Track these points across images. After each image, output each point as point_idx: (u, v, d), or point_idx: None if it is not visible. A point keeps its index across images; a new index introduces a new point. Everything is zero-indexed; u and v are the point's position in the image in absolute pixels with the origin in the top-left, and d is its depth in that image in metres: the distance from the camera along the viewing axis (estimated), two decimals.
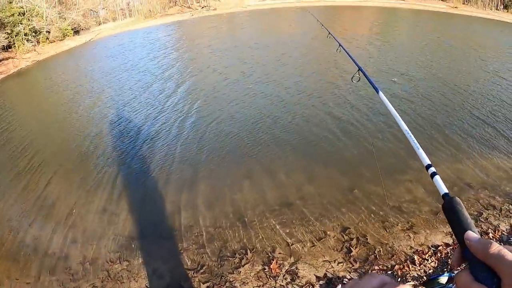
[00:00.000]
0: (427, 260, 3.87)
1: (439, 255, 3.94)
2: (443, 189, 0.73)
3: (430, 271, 3.68)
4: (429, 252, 4.01)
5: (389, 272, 3.72)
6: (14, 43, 27.73)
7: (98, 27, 37.47)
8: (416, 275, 3.66)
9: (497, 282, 0.49)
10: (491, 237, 4.21)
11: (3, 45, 25.87)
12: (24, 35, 28.47)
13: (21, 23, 28.10)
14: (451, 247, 4.06)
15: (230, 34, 21.39)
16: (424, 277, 3.58)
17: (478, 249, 0.55)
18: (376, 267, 3.80)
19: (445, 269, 3.33)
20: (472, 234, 0.58)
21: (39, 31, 29.69)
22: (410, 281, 3.58)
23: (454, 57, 12.16)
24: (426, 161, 0.90)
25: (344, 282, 3.61)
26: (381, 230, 4.34)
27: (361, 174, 5.46)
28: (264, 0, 32.08)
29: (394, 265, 3.82)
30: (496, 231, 4.33)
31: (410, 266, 3.80)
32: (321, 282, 3.72)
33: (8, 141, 9.37)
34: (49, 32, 30.30)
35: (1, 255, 5.10)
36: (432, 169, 0.84)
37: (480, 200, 4.89)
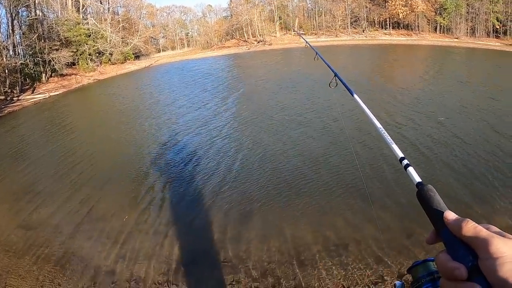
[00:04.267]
0: None
1: None
2: (416, 178, 0.75)
3: None
4: None
5: None
6: (79, 61, 29.97)
7: (158, 54, 39.92)
8: None
9: (474, 259, 0.51)
10: None
11: (68, 62, 28.01)
12: (88, 55, 30.73)
13: (86, 44, 30.40)
14: None
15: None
16: None
17: (455, 227, 0.56)
18: None
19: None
20: (451, 213, 0.60)
21: (102, 52, 31.96)
22: None
23: None
24: (399, 154, 0.92)
25: None
26: None
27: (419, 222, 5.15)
28: (319, 37, 32.92)
29: None
30: None
31: None
32: None
33: (63, 152, 9.91)
34: (111, 54, 32.51)
35: (48, 260, 5.25)
36: (405, 161, 0.87)
37: None
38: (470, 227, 0.53)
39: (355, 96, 1.71)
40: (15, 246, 5.61)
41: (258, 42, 37.35)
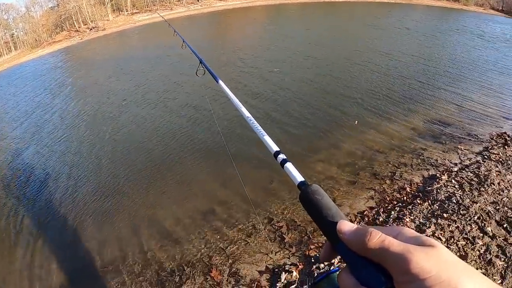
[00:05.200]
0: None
1: (366, 219, 4.25)
2: (298, 177, 0.63)
3: None
4: (357, 219, 4.30)
5: None
6: None
7: None
8: None
9: (386, 281, 0.40)
10: (408, 191, 4.67)
11: None
12: None
13: None
14: (375, 209, 4.41)
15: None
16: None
17: (355, 243, 0.44)
18: (312, 246, 3.96)
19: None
20: (346, 224, 0.47)
21: None
22: None
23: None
24: (274, 148, 0.79)
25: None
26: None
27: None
28: (153, 13, 31.72)
29: None
30: (412, 185, 4.80)
31: None
32: (265, 275, 3.75)
33: None
34: None
35: None
36: (282, 156, 0.74)
37: (390, 161, 5.38)
38: (376, 242, 0.41)
39: (220, 82, 1.60)
40: None
41: (91, 29, 34.22)
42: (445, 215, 3.93)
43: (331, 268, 0.63)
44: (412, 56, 10.07)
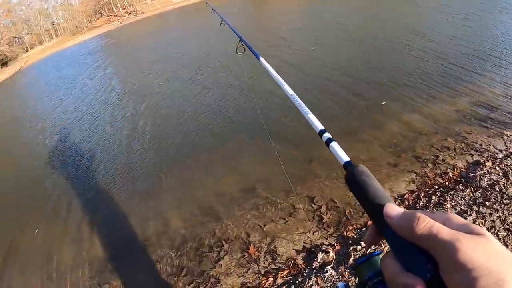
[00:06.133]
0: None
1: (407, 202, 4.13)
2: (343, 157, 0.62)
3: None
4: (397, 202, 4.18)
5: (363, 229, 3.84)
6: None
7: (26, 54, 35.51)
8: None
9: (432, 269, 0.39)
10: (450, 176, 4.47)
11: None
12: None
13: None
14: (416, 193, 4.26)
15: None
16: None
17: (402, 228, 0.43)
18: (350, 227, 3.91)
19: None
20: (393, 208, 0.46)
21: None
22: None
23: None
24: (319, 126, 0.75)
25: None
26: (346, 192, 4.45)
27: (317, 144, 5.55)
28: None
29: (367, 221, 3.95)
30: (455, 170, 4.58)
31: None
32: (301, 254, 3.77)
33: None
34: None
35: None
36: (327, 135, 0.71)
37: (433, 144, 5.15)
38: (424, 228, 0.40)
39: (261, 59, 1.57)
40: None
41: (130, 13, 34.78)
42: (487, 203, 3.74)
43: (373, 252, 0.60)
44: (452, 37, 9.49)
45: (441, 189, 4.24)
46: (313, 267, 3.50)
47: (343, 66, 8.51)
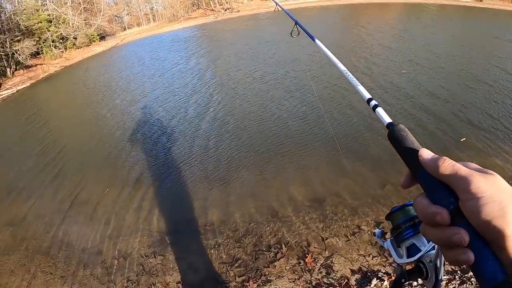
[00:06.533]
0: None
1: None
2: (386, 119, 0.70)
3: None
4: None
5: None
6: (42, 49, 28.76)
7: (124, 32, 38.50)
8: None
9: (454, 201, 0.47)
10: None
11: (32, 52, 26.84)
12: (52, 42, 29.44)
13: (48, 30, 29.03)
14: None
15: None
16: None
17: (431, 166, 0.52)
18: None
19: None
20: (426, 151, 0.55)
21: (66, 37, 30.64)
22: None
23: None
24: (366, 95, 0.87)
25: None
26: None
27: (394, 169, 5.38)
28: (287, 0, 31.86)
29: None
30: None
31: None
32: (356, 276, 3.72)
33: (40, 142, 9.84)
34: (75, 38, 31.21)
35: (35, 250, 5.33)
36: (373, 102, 0.81)
37: None
38: (448, 166, 0.49)
39: (317, 41, 1.68)
40: (3, 244, 5.69)
41: (226, 10, 36.03)
42: None
43: (406, 202, 0.74)
44: None
45: None
46: None
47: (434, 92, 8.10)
